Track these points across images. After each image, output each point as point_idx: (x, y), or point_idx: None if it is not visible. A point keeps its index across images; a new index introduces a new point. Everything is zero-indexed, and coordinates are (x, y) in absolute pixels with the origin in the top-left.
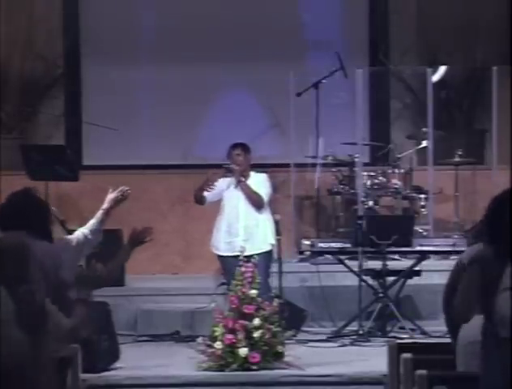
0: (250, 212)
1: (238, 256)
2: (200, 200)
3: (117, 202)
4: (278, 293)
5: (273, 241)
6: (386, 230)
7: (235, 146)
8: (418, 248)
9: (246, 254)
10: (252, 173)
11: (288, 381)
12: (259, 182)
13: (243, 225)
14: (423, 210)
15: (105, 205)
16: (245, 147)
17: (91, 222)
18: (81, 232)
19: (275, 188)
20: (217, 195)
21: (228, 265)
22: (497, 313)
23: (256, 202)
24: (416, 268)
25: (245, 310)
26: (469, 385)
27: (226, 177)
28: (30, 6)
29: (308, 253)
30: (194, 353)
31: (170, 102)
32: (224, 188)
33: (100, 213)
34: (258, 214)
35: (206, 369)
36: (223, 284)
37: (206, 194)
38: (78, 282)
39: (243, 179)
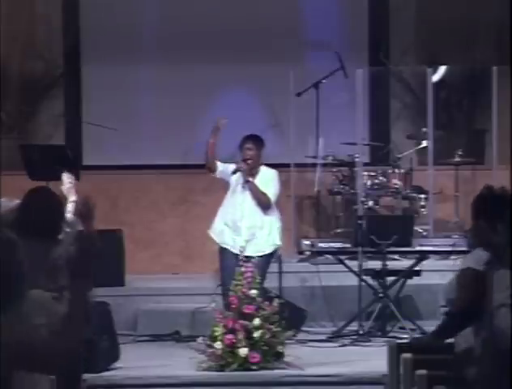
0: (256, 213)
1: (238, 255)
2: (211, 166)
3: (71, 190)
4: (278, 293)
5: (278, 242)
6: (386, 230)
7: (247, 138)
8: (418, 248)
9: (247, 254)
10: (262, 168)
11: (288, 381)
12: (268, 180)
13: (246, 226)
14: (423, 210)
15: (71, 198)
16: (257, 141)
17: (68, 217)
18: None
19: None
20: (226, 175)
21: (227, 259)
22: (496, 327)
23: (263, 203)
24: (416, 268)
25: (245, 310)
26: (469, 385)
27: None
28: (30, 6)
29: (308, 253)
30: (194, 353)
31: (170, 102)
32: (232, 177)
33: (71, 206)
34: (263, 215)
35: (206, 369)
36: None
37: (218, 164)
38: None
39: (251, 179)
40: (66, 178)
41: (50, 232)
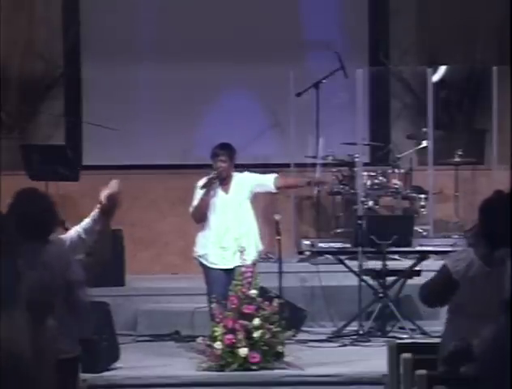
0: (240, 222)
1: (229, 269)
2: (201, 218)
3: (111, 198)
4: (278, 293)
5: (260, 247)
6: (386, 230)
7: (220, 149)
8: (418, 248)
9: (236, 265)
10: (235, 174)
11: (288, 381)
12: (246, 179)
13: (233, 237)
14: (423, 210)
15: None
16: (230, 150)
17: (86, 221)
18: (75, 232)
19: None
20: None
21: (214, 275)
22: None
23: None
24: (416, 268)
25: (245, 310)
26: (468, 384)
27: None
28: (30, 7)
29: (308, 253)
30: (194, 353)
31: (170, 102)
32: (212, 198)
33: (95, 212)
34: (247, 221)
35: (206, 369)
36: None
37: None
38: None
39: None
40: (115, 184)
41: (41, 234)
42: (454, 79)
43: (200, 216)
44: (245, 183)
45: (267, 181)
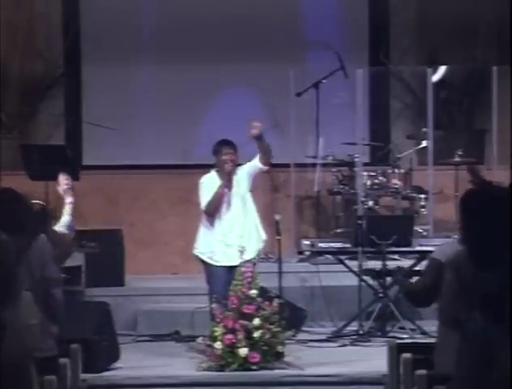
0: (243, 219)
1: (231, 266)
2: (215, 211)
3: (68, 191)
4: (278, 293)
5: (264, 237)
6: (386, 230)
7: (226, 144)
8: (418, 248)
9: (240, 261)
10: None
11: (288, 381)
12: (244, 169)
13: (237, 235)
14: (423, 210)
15: (68, 199)
16: (234, 145)
17: (65, 218)
18: (58, 230)
19: (276, 188)
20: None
21: (217, 274)
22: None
23: (269, 156)
24: (416, 268)
25: (245, 310)
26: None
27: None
28: (30, 6)
29: (308, 253)
30: (194, 353)
31: (170, 102)
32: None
33: (68, 207)
34: (250, 214)
35: (206, 369)
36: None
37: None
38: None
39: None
40: (63, 179)
41: (16, 233)
42: (454, 79)
43: (214, 210)
44: (242, 174)
45: (255, 162)
